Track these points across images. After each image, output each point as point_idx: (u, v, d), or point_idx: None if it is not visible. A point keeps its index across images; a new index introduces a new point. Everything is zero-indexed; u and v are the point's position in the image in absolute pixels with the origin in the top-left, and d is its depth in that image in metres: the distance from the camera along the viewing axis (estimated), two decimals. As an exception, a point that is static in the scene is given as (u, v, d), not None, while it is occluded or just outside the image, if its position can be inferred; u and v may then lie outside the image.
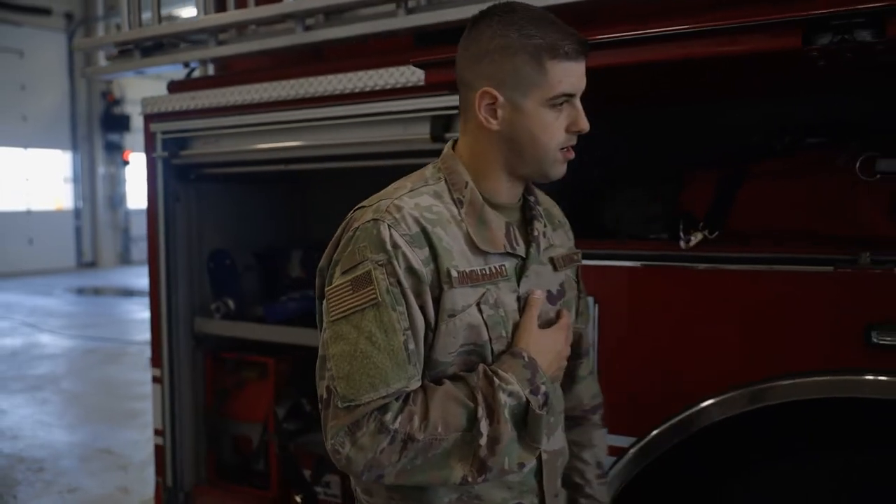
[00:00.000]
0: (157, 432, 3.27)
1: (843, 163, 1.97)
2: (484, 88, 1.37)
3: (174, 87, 3.29)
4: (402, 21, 2.58)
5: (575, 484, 1.72)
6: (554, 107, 1.38)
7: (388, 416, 1.30)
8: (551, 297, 1.51)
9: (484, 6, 2.46)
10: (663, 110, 2.57)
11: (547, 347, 1.45)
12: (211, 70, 3.56)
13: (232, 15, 2.97)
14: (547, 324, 1.49)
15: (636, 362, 2.12)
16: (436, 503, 1.42)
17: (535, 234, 1.49)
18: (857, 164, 1.95)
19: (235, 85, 3.02)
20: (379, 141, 2.63)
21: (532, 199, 1.53)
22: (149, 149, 3.23)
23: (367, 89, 2.60)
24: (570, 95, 1.39)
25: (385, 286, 1.32)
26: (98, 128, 17.85)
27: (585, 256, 1.73)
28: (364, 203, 1.43)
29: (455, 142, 1.50)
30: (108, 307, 12.53)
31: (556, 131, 1.39)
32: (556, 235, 1.58)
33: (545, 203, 1.61)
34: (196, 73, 3.54)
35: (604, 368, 2.07)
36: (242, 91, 2.98)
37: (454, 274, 1.36)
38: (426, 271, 1.35)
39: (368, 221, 1.36)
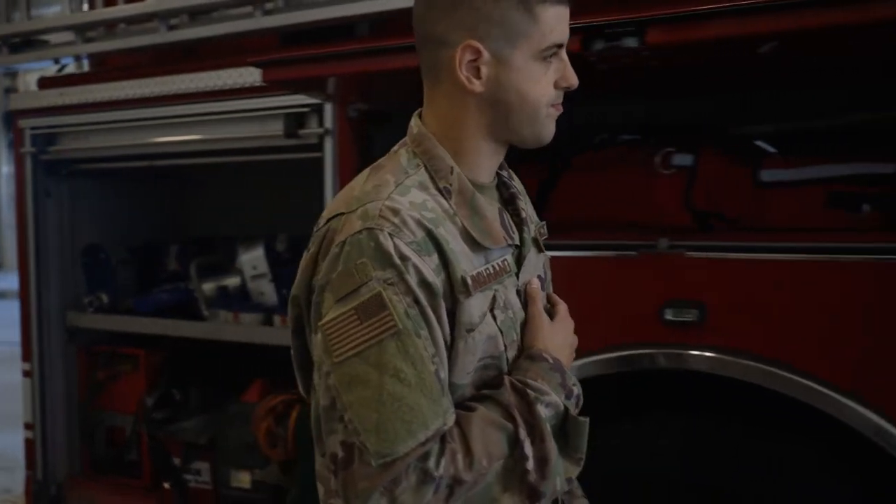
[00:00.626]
0: (27, 426, 3.29)
1: (645, 157, 2.19)
2: (466, 42, 1.16)
3: (44, 83, 3.32)
4: (259, 22, 2.70)
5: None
6: (544, 59, 1.19)
7: (431, 463, 1.09)
8: (541, 283, 1.34)
9: (341, 9, 2.60)
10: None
11: (563, 342, 1.29)
12: (87, 67, 3.60)
13: (100, 13, 3.03)
14: (546, 314, 1.32)
15: None
16: None
17: (523, 215, 1.31)
18: (658, 159, 2.18)
19: (104, 82, 3.08)
20: (236, 137, 2.74)
21: (505, 174, 1.34)
22: (17, 145, 3.25)
23: (225, 87, 2.71)
24: (560, 46, 1.21)
25: (403, 309, 1.09)
26: (0, 126, 17.23)
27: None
28: (339, 208, 1.18)
29: (420, 116, 1.27)
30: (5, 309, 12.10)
31: (546, 87, 1.21)
32: (529, 209, 1.38)
33: (512, 174, 1.40)
34: (71, 69, 3.58)
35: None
36: (110, 88, 3.04)
37: (469, 280, 1.15)
38: (438, 282, 1.13)
39: (360, 231, 1.11)
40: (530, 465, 1.13)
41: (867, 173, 2.02)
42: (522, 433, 1.14)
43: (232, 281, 3.13)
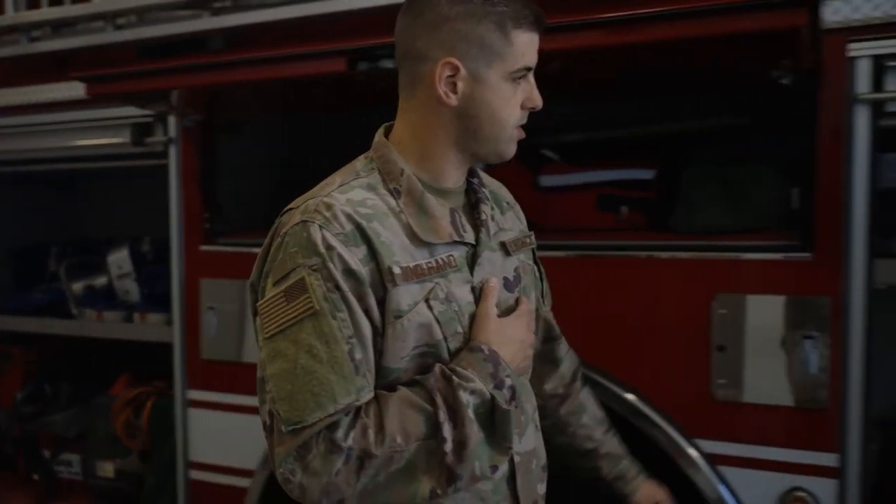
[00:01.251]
0: None
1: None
2: (446, 59, 1.26)
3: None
4: (112, 36, 2.85)
5: (588, 451, 1.68)
6: (514, 80, 1.30)
7: (339, 434, 1.18)
8: (508, 284, 1.41)
9: (197, 24, 2.75)
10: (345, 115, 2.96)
11: (509, 337, 1.34)
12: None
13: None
14: (507, 312, 1.39)
15: None
16: None
17: (483, 217, 1.38)
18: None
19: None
20: (91, 145, 2.90)
21: (476, 181, 1.42)
22: None
23: (75, 98, 2.86)
24: (529, 69, 1.31)
25: (322, 292, 1.20)
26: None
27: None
28: (291, 205, 1.32)
29: (388, 128, 1.39)
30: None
31: (514, 107, 1.31)
32: (506, 219, 1.47)
33: (491, 185, 1.50)
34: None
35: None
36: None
37: (396, 271, 1.24)
38: (365, 271, 1.23)
39: (297, 224, 1.24)
40: (448, 447, 1.20)
41: (629, 178, 2.25)
42: (442, 416, 1.20)
43: (100, 280, 3.28)
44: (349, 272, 1.21)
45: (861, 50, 1.85)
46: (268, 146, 2.87)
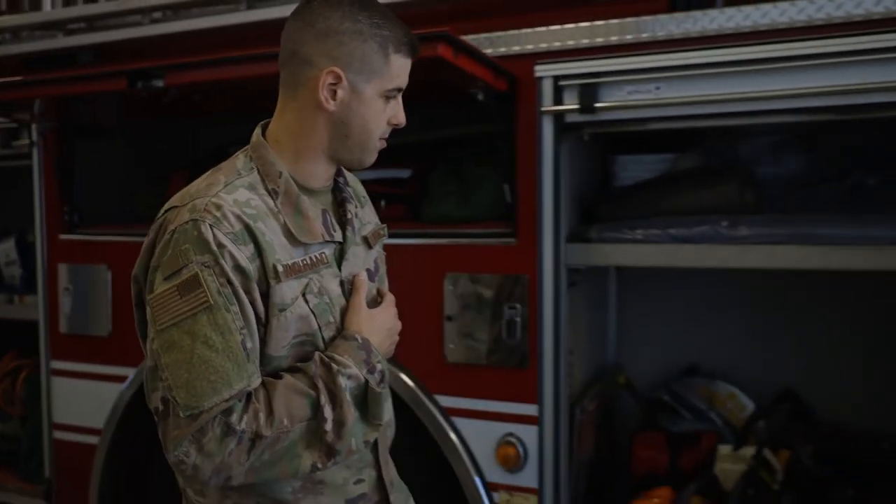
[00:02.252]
0: None
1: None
2: (331, 68, 1.34)
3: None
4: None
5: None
6: (386, 98, 1.40)
7: (234, 418, 1.26)
8: (370, 275, 1.52)
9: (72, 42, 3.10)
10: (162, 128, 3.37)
11: (378, 326, 1.45)
12: None
13: None
14: (372, 302, 1.49)
15: None
16: (278, 493, 1.38)
17: (349, 216, 1.48)
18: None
19: None
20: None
21: (342, 180, 1.52)
22: None
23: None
24: (400, 90, 1.43)
25: (216, 287, 1.26)
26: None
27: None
28: (175, 202, 1.35)
29: (265, 126, 1.45)
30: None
31: (381, 121, 1.41)
32: (365, 212, 1.58)
33: (351, 181, 1.59)
34: None
35: (127, 312, 2.86)
36: None
37: (280, 268, 1.32)
38: (252, 268, 1.30)
39: (187, 222, 1.28)
40: (328, 426, 1.31)
41: (390, 177, 2.66)
42: (324, 399, 1.31)
43: (-9, 268, 3.70)
44: (238, 269, 1.28)
45: (544, 71, 2.26)
46: (120, 149, 3.28)
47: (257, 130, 1.44)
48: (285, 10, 2.61)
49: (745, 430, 2.72)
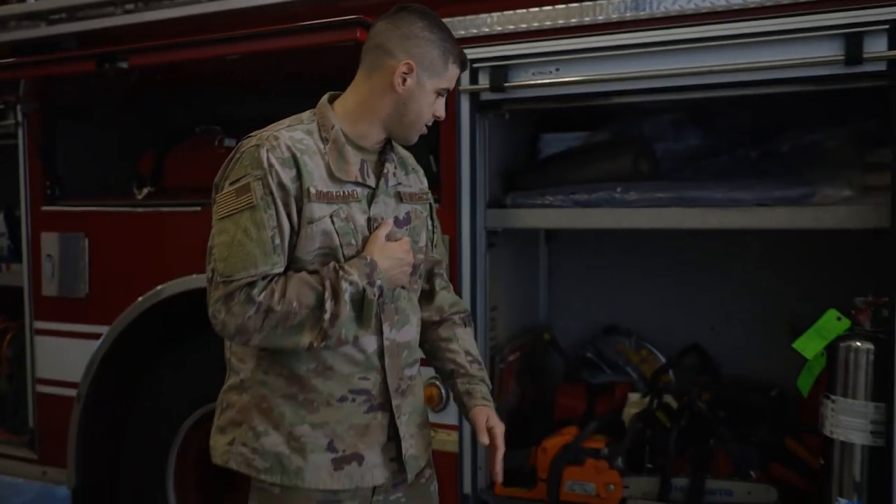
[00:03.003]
0: None
1: (210, 141, 3.12)
2: (407, 60, 1.74)
3: None
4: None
5: (452, 370, 2.01)
6: (438, 94, 1.81)
7: (255, 291, 1.64)
8: (398, 223, 1.86)
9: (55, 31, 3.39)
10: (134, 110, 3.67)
11: (388, 254, 1.76)
12: None
13: None
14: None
15: (118, 270, 3.21)
16: (297, 370, 1.76)
17: (385, 172, 1.84)
18: (216, 142, 3.11)
19: None
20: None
21: (389, 147, 1.89)
22: None
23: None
24: (447, 90, 1.83)
25: (260, 194, 1.66)
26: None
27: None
28: (251, 134, 1.77)
29: (333, 96, 1.85)
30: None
31: (429, 111, 1.82)
32: (408, 178, 1.94)
33: (402, 153, 1.97)
34: None
35: (102, 276, 3.19)
36: None
37: (313, 191, 1.70)
38: (293, 187, 1.68)
39: (252, 146, 1.71)
40: (327, 316, 1.66)
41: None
42: (328, 295, 1.66)
43: (-18, 239, 4.01)
44: (281, 185, 1.68)
45: (462, 55, 2.56)
46: (97, 129, 3.58)
47: (324, 98, 1.87)
48: (242, 2, 2.99)
49: (653, 380, 3.03)
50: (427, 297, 2.04)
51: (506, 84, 2.51)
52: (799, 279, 2.94)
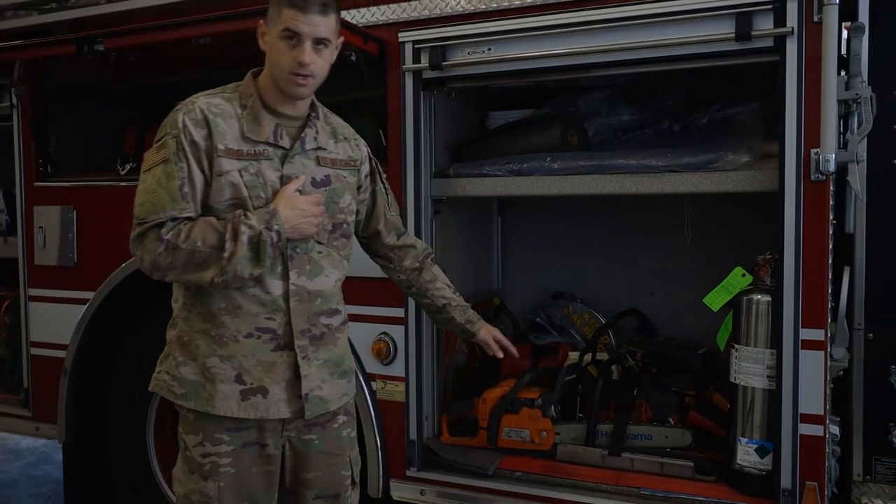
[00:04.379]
0: None
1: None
2: (260, 21, 2.01)
3: None
4: None
5: (444, 305, 2.44)
6: (287, 39, 1.92)
7: (164, 231, 1.88)
8: (315, 183, 2.05)
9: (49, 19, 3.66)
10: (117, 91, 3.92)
11: (292, 205, 1.95)
12: None
13: None
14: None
15: (104, 240, 3.47)
16: (211, 307, 1.99)
17: (303, 136, 2.03)
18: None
19: None
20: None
21: (314, 114, 2.08)
22: None
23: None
24: (296, 34, 1.92)
25: (173, 149, 1.90)
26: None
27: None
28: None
29: (257, 72, 2.05)
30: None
31: (287, 59, 1.93)
32: (337, 146, 2.13)
33: (335, 123, 2.18)
34: None
35: (88, 246, 3.46)
36: None
37: (221, 147, 1.92)
38: (204, 144, 1.91)
39: (174, 111, 1.96)
40: (226, 255, 1.88)
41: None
42: (228, 236, 1.88)
43: (-16, 215, 4.30)
44: (193, 142, 1.92)
45: (407, 36, 2.81)
46: (84, 109, 3.85)
47: (249, 73, 2.07)
48: None
49: (592, 341, 3.26)
50: (406, 250, 2.40)
51: (444, 63, 2.75)
52: (729, 242, 3.14)
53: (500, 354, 2.36)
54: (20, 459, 5.20)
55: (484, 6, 2.72)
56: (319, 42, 1.95)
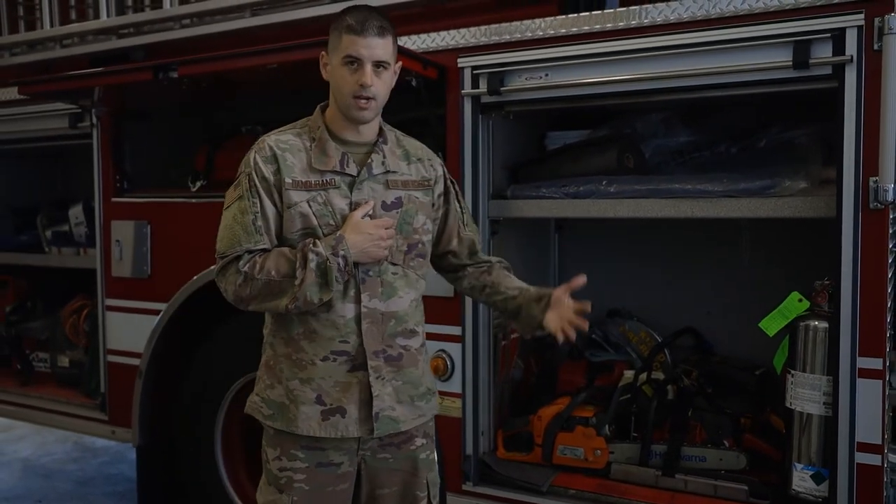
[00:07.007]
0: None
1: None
2: (322, 52, 2.10)
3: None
4: (58, 52, 4.08)
5: (516, 296, 2.26)
6: (348, 65, 2.00)
7: (241, 263, 2.00)
8: (385, 206, 2.10)
9: (124, 44, 3.88)
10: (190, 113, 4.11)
11: (360, 230, 2.02)
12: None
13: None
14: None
15: (176, 254, 3.65)
16: (292, 332, 2.09)
17: (369, 162, 2.09)
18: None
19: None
20: (36, 129, 4.14)
21: (381, 139, 2.14)
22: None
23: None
24: (357, 59, 1.99)
25: (246, 187, 2.03)
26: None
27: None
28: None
29: (325, 107, 2.13)
30: None
31: (349, 84, 2.00)
32: (409, 168, 2.17)
33: (408, 146, 2.21)
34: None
35: (161, 259, 3.64)
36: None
37: (289, 181, 2.02)
38: (273, 179, 2.02)
39: (249, 151, 2.09)
40: (297, 282, 1.96)
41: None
42: (298, 264, 1.96)
43: (63, 228, 4.52)
44: (263, 178, 2.03)
45: (465, 62, 2.88)
46: (158, 129, 4.04)
47: (318, 107, 2.16)
48: (282, 16, 3.38)
49: (648, 359, 3.28)
50: (475, 266, 2.34)
51: (502, 88, 2.82)
52: (787, 265, 3.12)
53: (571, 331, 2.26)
54: (96, 458, 5.45)
55: (542, 33, 2.77)
56: (379, 65, 2.02)
